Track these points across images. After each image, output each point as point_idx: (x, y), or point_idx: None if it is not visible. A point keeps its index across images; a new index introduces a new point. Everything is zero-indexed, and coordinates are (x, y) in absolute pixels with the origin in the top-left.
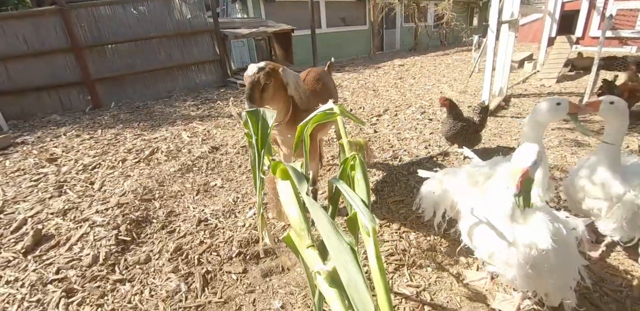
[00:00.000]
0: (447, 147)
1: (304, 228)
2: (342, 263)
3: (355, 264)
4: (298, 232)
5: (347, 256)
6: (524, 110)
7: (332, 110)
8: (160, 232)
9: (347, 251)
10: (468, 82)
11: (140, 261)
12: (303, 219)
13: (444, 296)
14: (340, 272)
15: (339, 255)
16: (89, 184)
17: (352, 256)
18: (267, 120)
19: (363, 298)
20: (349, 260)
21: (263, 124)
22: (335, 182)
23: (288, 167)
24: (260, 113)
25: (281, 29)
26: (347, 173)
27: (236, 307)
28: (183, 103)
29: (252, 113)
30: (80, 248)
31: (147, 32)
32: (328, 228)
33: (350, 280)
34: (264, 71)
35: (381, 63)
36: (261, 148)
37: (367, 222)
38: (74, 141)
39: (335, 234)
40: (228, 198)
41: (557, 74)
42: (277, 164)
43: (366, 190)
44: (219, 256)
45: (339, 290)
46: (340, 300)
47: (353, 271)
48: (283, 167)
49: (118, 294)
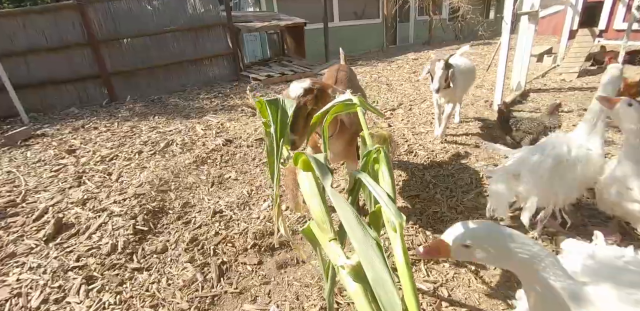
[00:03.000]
0: (462, 142)
1: (326, 221)
2: (368, 258)
3: (382, 261)
4: (320, 225)
5: (373, 252)
6: (543, 105)
7: (352, 101)
8: (176, 222)
9: (374, 247)
10: (485, 77)
11: (157, 251)
12: (325, 211)
13: (462, 292)
14: (365, 268)
15: (365, 250)
16: (107, 175)
17: (379, 252)
18: (287, 109)
19: (390, 296)
20: (375, 256)
21: (282, 114)
22: (358, 174)
23: (311, 158)
24: (280, 102)
25: (293, 23)
26: (369, 166)
27: (251, 298)
28: (197, 97)
29: (272, 102)
30: (99, 237)
31: (161, 26)
32: (354, 222)
33: (377, 277)
34: (311, 94)
35: (394, 57)
36: (280, 138)
37: (394, 217)
38: (91, 133)
39: (361, 229)
40: (242, 190)
41: (579, 68)
42: (299, 155)
43: (391, 185)
44: (234, 248)
45: (363, 285)
46: (365, 295)
47: (379, 268)
48: (305, 158)
49: (136, 282)
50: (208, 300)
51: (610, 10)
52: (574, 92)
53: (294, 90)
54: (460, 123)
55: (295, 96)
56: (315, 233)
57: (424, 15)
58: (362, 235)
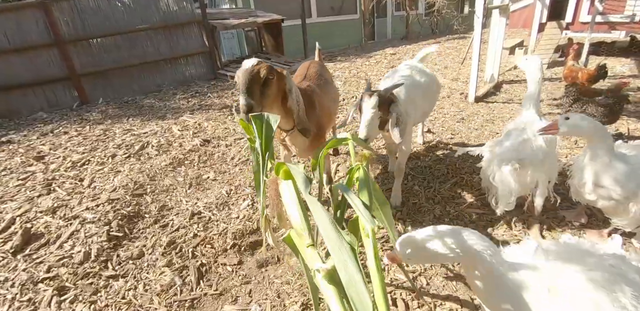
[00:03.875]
0: (439, 134)
1: (305, 228)
2: (342, 262)
3: (355, 264)
4: (298, 231)
5: (346, 256)
6: (515, 96)
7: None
8: (153, 226)
9: (347, 251)
10: (460, 70)
11: (133, 257)
12: (304, 218)
13: (440, 280)
14: (339, 271)
15: (339, 254)
16: (79, 181)
17: (352, 256)
18: (272, 124)
19: (362, 297)
20: (349, 259)
21: (267, 128)
22: (339, 187)
23: (291, 168)
24: (265, 117)
25: (271, 19)
26: (352, 180)
27: (232, 298)
28: (173, 97)
29: (256, 117)
30: (71, 246)
31: (133, 24)
32: (328, 228)
33: (349, 279)
34: (264, 64)
35: (373, 52)
36: (265, 152)
37: (367, 223)
38: (61, 138)
39: (335, 233)
40: (221, 190)
41: (548, 60)
42: (280, 165)
43: (368, 195)
44: (214, 249)
45: (337, 288)
46: (338, 298)
47: (352, 271)
48: (286, 168)
49: (111, 290)
50: (187, 304)
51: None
52: (544, 83)
53: (247, 62)
54: (437, 117)
55: (249, 66)
56: (295, 240)
57: (401, 11)
58: (337, 239)
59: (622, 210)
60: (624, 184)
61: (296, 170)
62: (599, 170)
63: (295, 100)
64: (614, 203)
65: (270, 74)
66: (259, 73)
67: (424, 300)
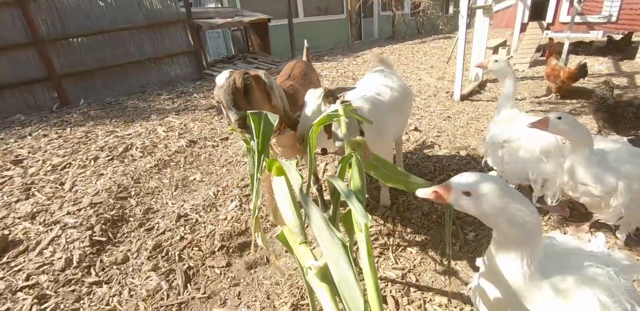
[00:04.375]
0: (425, 133)
1: (297, 225)
2: (334, 259)
3: (347, 260)
4: (291, 228)
5: (338, 253)
6: (499, 94)
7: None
8: (138, 230)
9: (339, 247)
10: (446, 69)
11: (118, 262)
12: (296, 215)
13: (429, 276)
14: (331, 268)
15: (331, 251)
16: (59, 185)
17: (344, 252)
18: (271, 122)
19: (353, 294)
20: (341, 256)
21: (266, 126)
22: (332, 179)
23: (284, 164)
24: (263, 115)
25: (257, 19)
26: (345, 171)
27: (221, 301)
28: (157, 98)
29: (255, 114)
30: (51, 252)
31: (115, 23)
32: (320, 224)
33: (341, 276)
34: (237, 72)
35: (360, 52)
36: (262, 151)
37: (360, 218)
38: (40, 141)
39: (327, 230)
40: (208, 191)
41: (530, 59)
42: (273, 161)
43: (361, 187)
44: (201, 251)
45: (329, 285)
46: (331, 295)
47: (344, 268)
48: (279, 164)
49: (95, 297)
50: (174, 308)
51: (555, 4)
52: (526, 81)
53: (219, 78)
54: (423, 115)
55: (223, 79)
56: (287, 237)
57: (387, 11)
58: (329, 236)
59: (604, 204)
60: (603, 181)
61: (288, 167)
62: (580, 169)
63: (278, 96)
64: (596, 198)
65: (246, 80)
66: (236, 84)
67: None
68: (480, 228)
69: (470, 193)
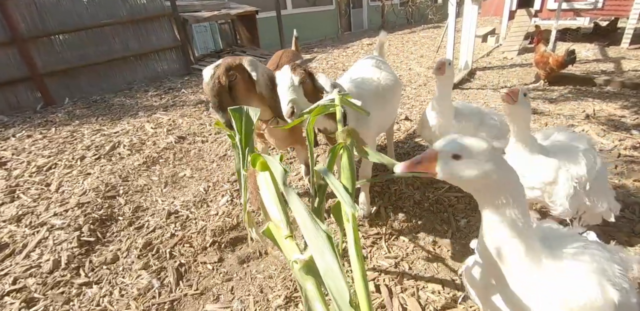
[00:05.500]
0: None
1: (282, 219)
2: (319, 251)
3: (331, 252)
4: (276, 223)
5: (323, 244)
6: (489, 82)
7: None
8: (128, 228)
9: (324, 239)
10: (435, 58)
11: (107, 261)
12: (281, 210)
13: (422, 264)
14: (316, 260)
15: (316, 244)
16: (45, 186)
17: (329, 244)
18: (252, 117)
19: (339, 285)
20: (325, 248)
21: (247, 122)
22: (318, 169)
23: (267, 159)
24: (244, 110)
25: (244, 11)
26: (335, 161)
27: (214, 297)
28: (145, 94)
29: (235, 110)
30: (39, 255)
31: (97, 19)
32: (304, 217)
33: (326, 268)
34: (221, 67)
35: (349, 43)
36: (245, 147)
37: (348, 208)
38: (24, 142)
39: (311, 222)
40: (199, 187)
41: (518, 47)
42: (257, 157)
43: (351, 178)
44: (193, 248)
45: (316, 278)
46: (317, 288)
47: (329, 260)
48: (263, 160)
49: (85, 298)
50: (167, 306)
51: None
52: (515, 69)
53: (206, 75)
54: (414, 105)
55: (209, 76)
56: (273, 232)
57: (377, 1)
58: (313, 228)
59: (547, 197)
60: (543, 174)
61: (272, 162)
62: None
63: (264, 85)
64: (539, 191)
65: (231, 75)
66: (221, 82)
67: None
68: (472, 215)
69: (461, 156)
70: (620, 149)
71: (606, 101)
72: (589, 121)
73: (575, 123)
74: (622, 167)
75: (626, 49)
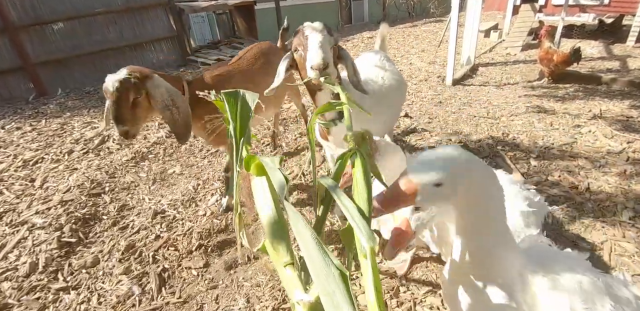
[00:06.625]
0: (420, 121)
1: (282, 241)
2: (329, 294)
3: (346, 296)
4: (274, 245)
5: (335, 286)
6: (491, 78)
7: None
8: (112, 229)
9: (336, 279)
10: (437, 53)
11: (87, 265)
12: (281, 228)
13: (419, 276)
14: (325, 304)
15: (325, 284)
16: (29, 182)
17: (343, 286)
18: (249, 102)
19: None
20: (338, 291)
21: (243, 108)
22: (325, 182)
23: (264, 162)
24: (239, 94)
25: (242, 1)
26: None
27: (197, 306)
28: None
29: (230, 94)
30: (16, 256)
31: (91, 7)
32: (312, 247)
33: None
34: (128, 83)
35: (350, 36)
36: (240, 137)
37: (365, 241)
38: (13, 134)
39: (321, 255)
40: (188, 185)
41: (522, 43)
42: (252, 158)
43: (367, 196)
44: (177, 251)
45: None
46: None
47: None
48: (259, 162)
49: (61, 305)
50: None
51: None
52: (518, 65)
53: (110, 82)
54: (414, 101)
55: (112, 88)
56: (270, 253)
57: None
58: (323, 263)
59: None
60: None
61: (270, 166)
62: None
63: (163, 106)
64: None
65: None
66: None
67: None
68: None
69: (442, 184)
70: (629, 152)
71: (613, 101)
72: (596, 121)
73: (582, 123)
74: (631, 170)
75: (632, 47)
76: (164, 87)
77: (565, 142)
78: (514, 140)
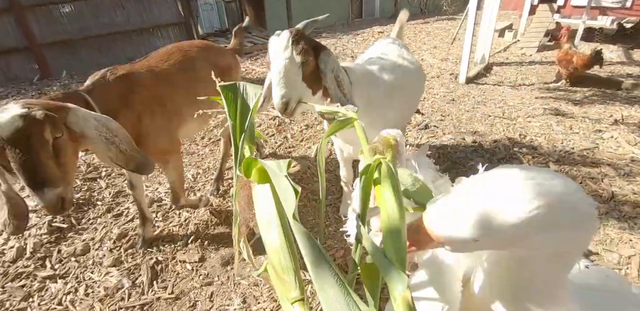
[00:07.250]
0: (432, 119)
1: (290, 269)
2: None
3: None
4: (279, 274)
5: None
6: (506, 78)
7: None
8: (106, 215)
9: None
10: (449, 50)
11: (77, 253)
12: (289, 253)
13: None
14: None
15: None
16: None
17: None
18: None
19: None
20: None
21: (243, 104)
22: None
23: (268, 167)
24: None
25: None
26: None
27: (190, 303)
28: None
29: (229, 88)
30: (4, 240)
31: None
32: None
33: None
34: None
35: (360, 30)
36: (239, 136)
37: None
38: None
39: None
40: (187, 174)
41: (538, 44)
42: (252, 162)
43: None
44: (172, 243)
45: None
46: None
47: None
48: (261, 166)
49: (47, 294)
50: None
51: None
52: (534, 66)
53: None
54: (426, 97)
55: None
56: (274, 283)
57: None
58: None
59: None
60: None
61: (275, 173)
62: None
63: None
64: None
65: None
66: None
67: None
68: None
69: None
70: None
71: (635, 106)
72: (617, 127)
73: (603, 129)
74: None
75: None
76: (91, 117)
77: (586, 146)
78: (532, 143)
